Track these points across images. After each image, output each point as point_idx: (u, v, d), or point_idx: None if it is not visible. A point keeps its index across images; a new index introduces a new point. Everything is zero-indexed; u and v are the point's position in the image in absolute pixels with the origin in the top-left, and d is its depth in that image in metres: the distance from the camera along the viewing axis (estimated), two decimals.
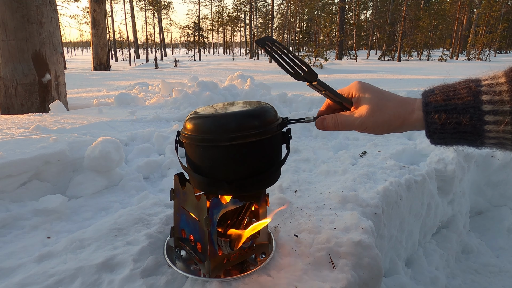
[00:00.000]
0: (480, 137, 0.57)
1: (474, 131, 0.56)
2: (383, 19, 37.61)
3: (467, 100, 0.57)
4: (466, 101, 0.57)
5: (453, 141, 0.60)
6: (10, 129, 2.38)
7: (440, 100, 0.60)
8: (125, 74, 11.24)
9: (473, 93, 0.57)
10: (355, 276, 1.00)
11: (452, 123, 0.58)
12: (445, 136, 0.60)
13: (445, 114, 0.58)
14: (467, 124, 0.57)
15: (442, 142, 0.61)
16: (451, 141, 0.60)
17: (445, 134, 0.59)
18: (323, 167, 1.94)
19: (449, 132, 0.59)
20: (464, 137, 0.58)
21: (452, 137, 0.59)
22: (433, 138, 0.62)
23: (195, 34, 33.06)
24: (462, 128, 0.57)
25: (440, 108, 0.59)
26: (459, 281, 2.08)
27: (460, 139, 0.59)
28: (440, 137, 0.61)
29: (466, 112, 0.56)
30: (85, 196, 1.76)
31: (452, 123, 0.58)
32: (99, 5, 12.63)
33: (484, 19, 26.80)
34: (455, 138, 0.59)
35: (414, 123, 0.65)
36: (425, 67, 15.28)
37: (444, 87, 0.61)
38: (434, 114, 0.59)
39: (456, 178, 2.25)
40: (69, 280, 0.96)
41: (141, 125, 2.99)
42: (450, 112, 0.58)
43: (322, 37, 33.42)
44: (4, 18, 3.63)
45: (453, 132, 0.58)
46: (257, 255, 1.08)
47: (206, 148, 0.89)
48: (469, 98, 0.56)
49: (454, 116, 0.57)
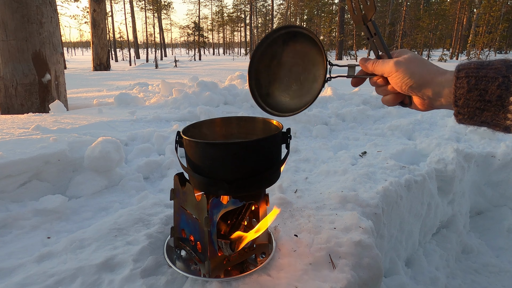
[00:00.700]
0: (504, 110, 0.56)
1: (499, 102, 0.56)
2: (383, 19, 37.62)
3: (499, 70, 0.57)
4: (497, 70, 0.57)
5: (477, 112, 0.59)
6: (10, 129, 2.38)
7: (473, 67, 0.60)
8: (125, 74, 11.24)
9: (507, 65, 0.57)
10: (355, 276, 1.00)
11: (479, 89, 0.57)
12: (469, 103, 0.59)
13: (475, 79, 0.58)
14: (493, 93, 0.56)
15: (466, 112, 0.60)
16: (474, 112, 0.59)
17: (470, 101, 0.59)
18: (323, 167, 1.94)
19: (474, 99, 0.58)
20: (487, 108, 0.57)
21: (476, 106, 0.58)
22: (458, 106, 0.60)
23: (195, 34, 33.07)
24: (488, 96, 0.57)
25: (471, 74, 0.59)
26: (459, 281, 2.08)
27: (483, 110, 0.58)
28: (465, 105, 0.60)
29: (495, 80, 0.56)
30: (85, 196, 1.76)
31: (479, 89, 0.57)
32: (99, 5, 12.63)
33: (484, 19, 26.80)
34: (479, 109, 0.58)
35: (443, 83, 0.64)
36: None
37: (481, 60, 0.62)
38: (464, 79, 0.59)
39: (456, 178, 2.25)
40: (69, 280, 0.96)
41: (141, 125, 2.99)
42: (480, 78, 0.58)
43: (322, 37, 33.45)
44: (4, 18, 3.63)
45: (478, 99, 0.58)
46: (257, 255, 1.08)
47: (206, 147, 0.90)
48: (502, 68, 0.57)
49: (483, 83, 0.57)
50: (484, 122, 0.60)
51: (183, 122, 3.26)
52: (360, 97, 4.64)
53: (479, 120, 0.60)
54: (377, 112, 4.21)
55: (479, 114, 0.59)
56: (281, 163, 1.02)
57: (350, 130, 3.50)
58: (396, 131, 3.30)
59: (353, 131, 3.47)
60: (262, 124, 1.12)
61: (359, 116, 3.92)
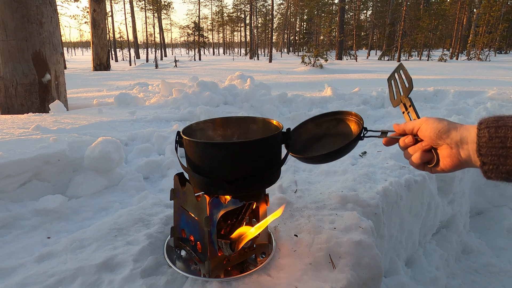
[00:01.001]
0: None
1: None
2: (383, 19, 37.60)
3: None
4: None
5: (501, 160, 0.60)
6: (10, 129, 2.38)
7: (492, 119, 0.63)
8: (125, 74, 11.24)
9: None
10: (355, 276, 1.00)
11: (499, 137, 0.60)
12: (492, 151, 0.60)
13: (494, 129, 0.61)
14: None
15: (490, 162, 0.61)
16: (499, 160, 0.60)
17: (492, 149, 0.61)
18: (323, 167, 1.94)
19: (496, 146, 0.60)
20: (510, 155, 0.59)
21: (499, 153, 0.60)
22: (482, 155, 0.62)
23: (195, 34, 33.06)
24: (509, 143, 0.58)
25: (490, 124, 0.62)
26: (459, 281, 2.08)
27: (507, 158, 0.59)
28: (488, 153, 0.61)
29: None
30: (85, 196, 1.76)
31: (499, 137, 0.60)
32: (99, 5, 12.63)
33: (484, 19, 26.79)
34: (503, 156, 0.59)
35: (468, 128, 0.67)
36: (425, 67, 15.29)
37: (500, 115, 0.64)
38: (485, 129, 0.62)
39: (456, 178, 2.25)
40: (69, 280, 0.96)
41: (141, 125, 2.99)
42: (499, 127, 0.60)
43: (322, 37, 33.41)
44: (4, 18, 3.63)
45: (500, 146, 0.59)
46: (257, 255, 1.08)
47: (206, 147, 0.90)
48: None
49: (502, 131, 0.59)
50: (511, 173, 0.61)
51: (183, 122, 3.26)
52: (360, 97, 4.64)
53: (505, 170, 0.60)
54: (377, 112, 4.21)
55: (503, 162, 0.60)
56: (281, 163, 1.02)
57: None
58: None
59: None
60: (262, 124, 1.12)
61: None
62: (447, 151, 0.71)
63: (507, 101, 4.57)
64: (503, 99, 4.72)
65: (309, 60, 14.64)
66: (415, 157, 0.77)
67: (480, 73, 11.18)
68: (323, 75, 10.51)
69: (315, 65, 13.95)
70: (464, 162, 0.68)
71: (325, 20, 32.23)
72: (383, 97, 4.81)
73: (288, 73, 11.20)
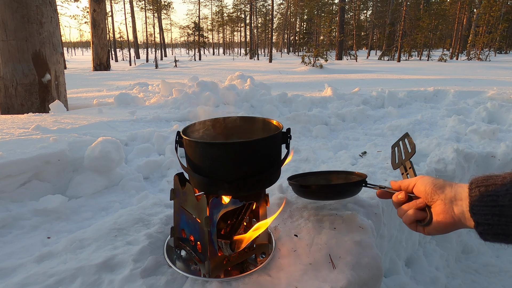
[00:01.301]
0: None
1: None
2: (383, 19, 37.61)
3: (504, 178, 0.61)
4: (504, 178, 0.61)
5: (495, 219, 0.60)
6: (10, 129, 2.38)
7: (481, 179, 0.64)
8: (125, 74, 11.24)
9: None
10: (355, 276, 1.00)
11: (490, 195, 0.61)
12: (484, 210, 0.61)
13: (484, 187, 0.62)
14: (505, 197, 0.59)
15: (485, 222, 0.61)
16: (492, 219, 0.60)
17: (485, 207, 0.61)
18: (323, 167, 1.94)
19: (488, 204, 0.61)
20: (504, 213, 0.59)
21: (493, 212, 0.60)
22: (475, 213, 0.63)
23: (195, 34, 33.06)
24: (501, 201, 0.59)
25: (480, 184, 0.63)
26: (459, 281, 2.08)
27: (501, 216, 0.59)
28: (481, 212, 0.61)
29: (503, 186, 0.60)
30: (85, 196, 1.76)
31: (490, 195, 0.61)
32: (99, 5, 12.63)
33: (484, 19, 26.78)
34: (496, 215, 0.60)
35: (462, 186, 0.68)
36: (425, 67, 15.29)
37: (490, 174, 0.66)
38: (476, 189, 0.63)
39: (456, 178, 2.25)
40: (69, 280, 0.96)
41: (141, 125, 2.99)
42: (488, 186, 0.62)
43: (322, 37, 33.41)
44: (4, 18, 3.63)
45: (492, 205, 0.60)
46: (257, 255, 1.08)
47: (206, 147, 0.90)
48: (507, 176, 0.61)
49: (492, 189, 0.61)
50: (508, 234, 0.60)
51: (183, 122, 3.26)
52: (360, 97, 4.64)
53: (500, 230, 0.60)
54: (377, 112, 4.21)
55: (497, 222, 0.60)
56: (281, 163, 1.02)
57: (350, 130, 3.50)
58: (396, 131, 3.30)
59: (353, 131, 3.47)
60: (262, 124, 1.12)
61: (359, 116, 3.92)
62: (440, 207, 0.71)
63: (507, 101, 4.57)
64: (503, 99, 4.72)
65: (309, 60, 14.64)
66: (408, 214, 0.78)
67: (480, 73, 11.18)
68: (323, 75, 10.51)
69: (315, 65, 13.95)
70: (458, 221, 0.68)
71: (325, 20, 32.22)
72: (383, 97, 4.81)
73: (288, 73, 11.20)
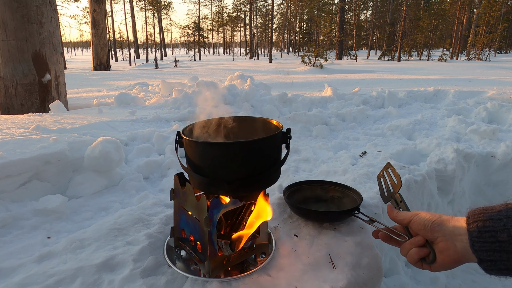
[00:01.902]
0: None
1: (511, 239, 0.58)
2: (383, 19, 37.60)
3: (499, 211, 0.61)
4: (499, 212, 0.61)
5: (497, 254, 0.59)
6: (10, 129, 2.38)
7: (478, 213, 0.64)
8: (125, 74, 11.24)
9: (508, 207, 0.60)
10: (355, 276, 1.00)
11: (489, 231, 0.60)
12: (485, 246, 0.60)
13: (482, 223, 0.61)
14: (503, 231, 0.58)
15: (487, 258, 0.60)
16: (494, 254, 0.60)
17: (485, 243, 0.60)
18: (323, 167, 1.94)
19: (488, 240, 0.60)
20: (505, 249, 0.58)
21: (493, 248, 0.59)
22: (476, 250, 0.62)
23: (195, 34, 33.06)
24: (500, 237, 0.59)
25: (477, 219, 0.63)
26: (459, 281, 2.08)
27: (501, 252, 0.59)
28: (482, 248, 0.61)
29: (499, 221, 0.59)
30: (85, 196, 1.76)
31: (489, 231, 0.60)
32: (99, 5, 12.63)
33: (484, 19, 26.77)
34: (497, 251, 0.59)
35: (460, 220, 0.67)
36: (425, 67, 15.28)
37: (485, 207, 0.65)
38: (474, 224, 0.63)
39: (456, 178, 2.25)
40: (69, 280, 0.96)
41: (141, 125, 2.99)
42: (486, 221, 0.61)
43: (322, 37, 33.41)
44: (4, 18, 3.63)
45: (492, 241, 0.59)
46: (257, 255, 1.08)
47: (206, 147, 0.90)
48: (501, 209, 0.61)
49: (490, 224, 0.60)
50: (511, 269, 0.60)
51: (183, 122, 3.26)
52: (360, 97, 4.64)
53: (504, 266, 0.60)
54: (377, 112, 4.21)
55: (499, 258, 0.59)
56: (281, 163, 1.02)
57: (350, 130, 3.50)
58: (396, 131, 3.30)
59: (353, 131, 3.47)
60: (262, 124, 1.12)
61: (359, 116, 3.92)
62: (442, 244, 0.69)
63: (507, 101, 4.57)
64: (503, 99, 4.71)
65: (309, 60, 14.64)
66: (411, 253, 0.75)
67: (480, 73, 11.17)
68: (323, 75, 10.51)
69: (315, 65, 13.94)
70: (462, 256, 0.66)
71: (325, 20, 32.21)
72: (383, 97, 4.81)
73: (288, 73, 11.19)
